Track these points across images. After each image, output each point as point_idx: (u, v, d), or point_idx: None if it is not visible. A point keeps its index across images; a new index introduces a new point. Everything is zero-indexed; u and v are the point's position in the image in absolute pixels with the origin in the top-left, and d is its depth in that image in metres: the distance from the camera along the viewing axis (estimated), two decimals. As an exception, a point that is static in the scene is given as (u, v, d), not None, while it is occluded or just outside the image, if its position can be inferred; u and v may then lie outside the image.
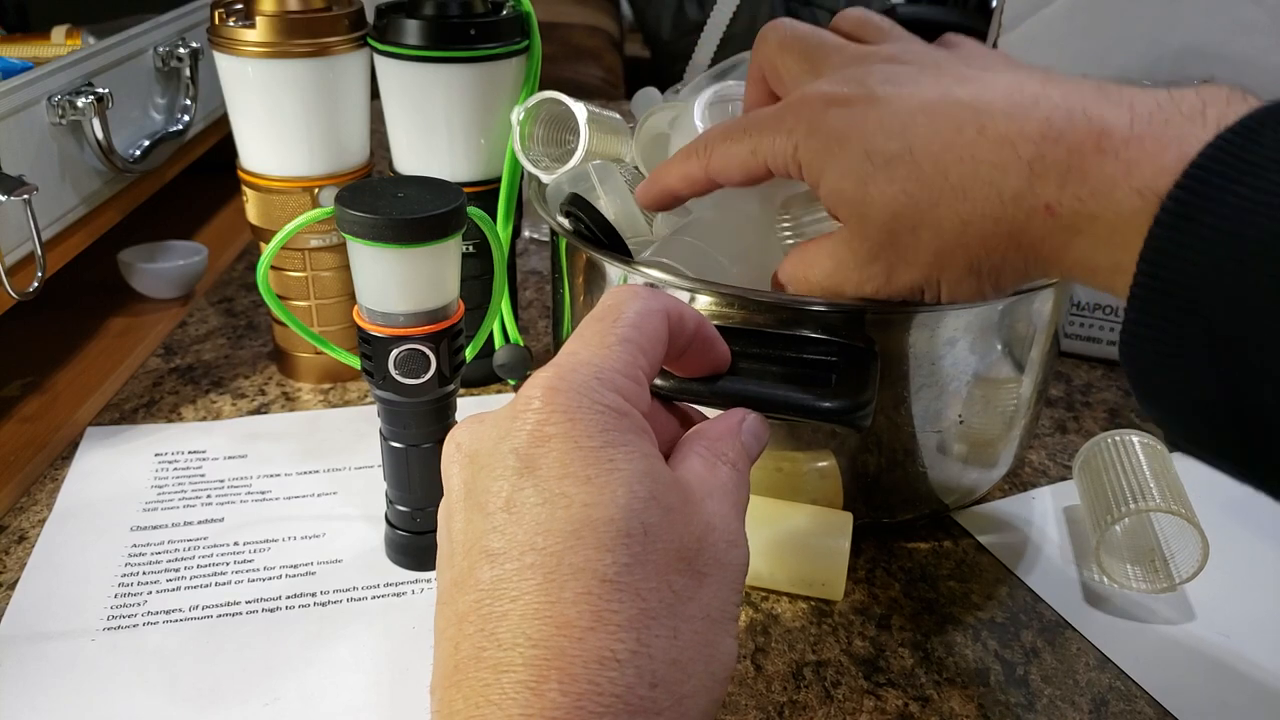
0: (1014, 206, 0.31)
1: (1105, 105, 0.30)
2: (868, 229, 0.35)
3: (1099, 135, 0.29)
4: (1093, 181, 0.29)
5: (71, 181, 0.57)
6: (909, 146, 0.33)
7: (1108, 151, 0.29)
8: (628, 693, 0.24)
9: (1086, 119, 0.30)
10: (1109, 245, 0.29)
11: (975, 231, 0.32)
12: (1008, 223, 0.31)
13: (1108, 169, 0.29)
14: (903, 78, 0.35)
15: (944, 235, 0.33)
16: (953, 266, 0.34)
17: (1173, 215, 0.26)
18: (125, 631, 0.42)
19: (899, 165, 0.33)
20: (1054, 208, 0.30)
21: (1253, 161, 0.26)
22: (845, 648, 0.43)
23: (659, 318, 0.30)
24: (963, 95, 0.33)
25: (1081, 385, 0.64)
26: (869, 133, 0.34)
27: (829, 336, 0.39)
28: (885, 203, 0.34)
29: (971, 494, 0.51)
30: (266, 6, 0.52)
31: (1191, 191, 0.26)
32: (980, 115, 0.32)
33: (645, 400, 0.30)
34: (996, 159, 0.31)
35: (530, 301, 0.73)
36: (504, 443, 0.28)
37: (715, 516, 0.29)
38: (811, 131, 0.35)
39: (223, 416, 0.58)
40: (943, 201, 0.32)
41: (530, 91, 0.54)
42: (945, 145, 0.32)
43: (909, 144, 0.33)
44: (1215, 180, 0.26)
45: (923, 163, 0.32)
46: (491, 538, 0.27)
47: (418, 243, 0.39)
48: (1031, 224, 0.31)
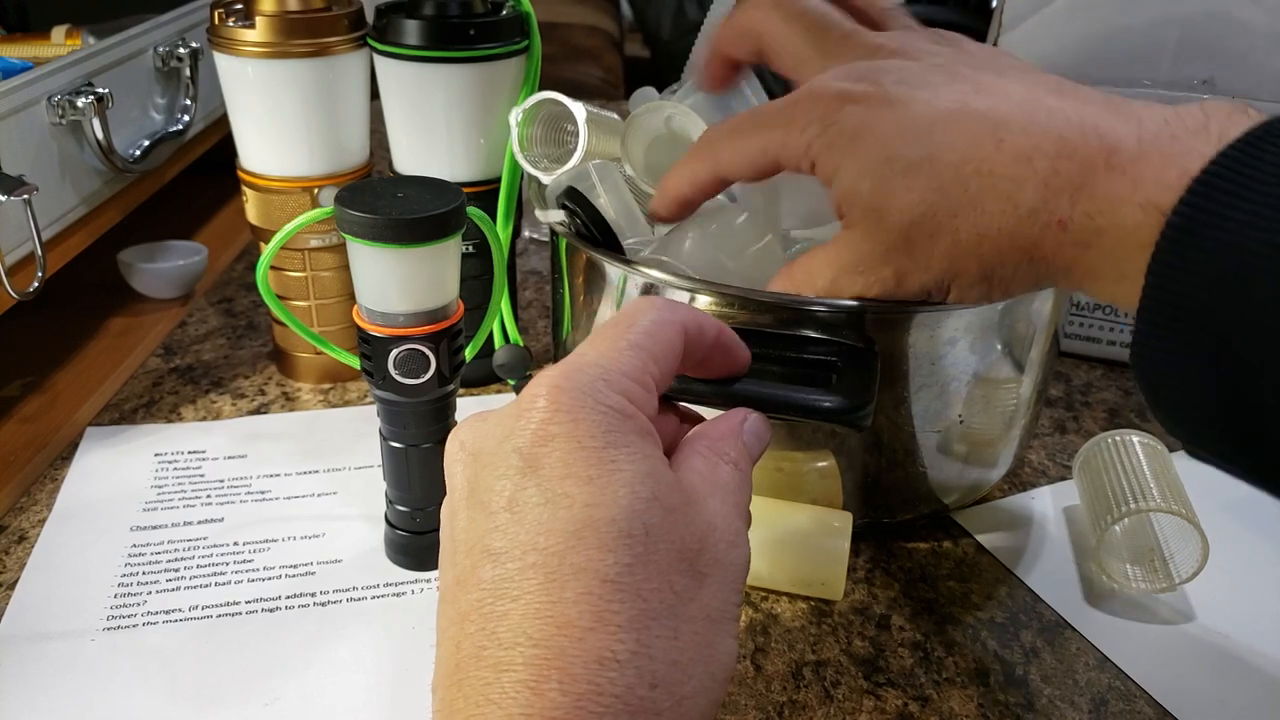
0: (1029, 221, 0.31)
1: (1115, 120, 0.30)
2: (881, 233, 0.35)
3: (1109, 152, 0.30)
4: (1101, 197, 0.30)
5: (71, 181, 0.57)
6: (929, 155, 0.33)
7: (1116, 168, 0.29)
8: (627, 693, 0.25)
9: (1098, 135, 0.30)
10: (1115, 258, 0.30)
11: (991, 244, 0.32)
12: (1023, 237, 0.32)
13: (1116, 185, 0.29)
14: (916, 79, 0.35)
15: (960, 245, 0.33)
16: (966, 274, 0.34)
17: (1178, 230, 0.27)
18: (125, 631, 0.42)
19: (920, 173, 0.33)
20: (1066, 223, 0.30)
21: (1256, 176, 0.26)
22: (845, 648, 0.43)
23: (674, 329, 0.31)
24: (980, 106, 0.33)
25: (1081, 385, 0.64)
26: (888, 136, 0.34)
27: (829, 336, 0.39)
28: (905, 208, 0.34)
29: (971, 494, 0.51)
30: (266, 6, 0.52)
31: (1196, 207, 0.27)
32: (998, 129, 0.32)
33: (652, 406, 0.30)
34: (1014, 173, 0.31)
35: (530, 301, 0.73)
36: (507, 441, 0.28)
37: (717, 517, 0.29)
38: (826, 128, 0.35)
39: (222, 416, 0.58)
40: (961, 213, 0.33)
41: (530, 92, 0.54)
42: (964, 157, 0.32)
43: (929, 152, 0.33)
44: (1220, 195, 0.26)
45: (943, 172, 0.33)
46: (493, 537, 0.27)
47: (417, 243, 0.39)
48: (1045, 238, 0.31)
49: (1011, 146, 0.31)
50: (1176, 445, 0.57)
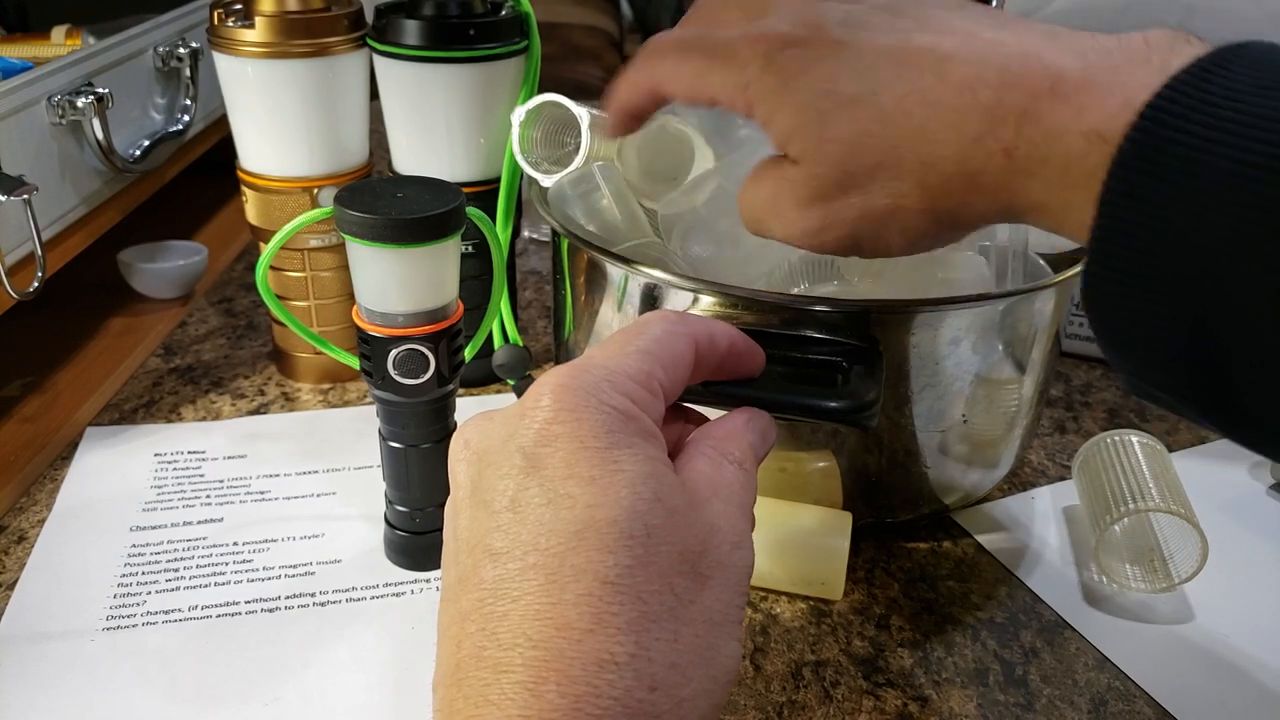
0: (974, 148, 0.31)
1: (1058, 50, 0.30)
2: (820, 168, 0.34)
3: (1053, 80, 0.29)
4: (1046, 125, 0.29)
5: (71, 181, 0.57)
6: (872, 89, 0.33)
7: (1060, 96, 0.29)
8: (626, 696, 0.25)
9: (1042, 65, 0.30)
10: (1060, 187, 0.29)
11: (936, 173, 0.32)
12: (968, 164, 0.31)
13: (1060, 113, 0.29)
14: (858, 21, 0.35)
15: (903, 176, 0.33)
16: (909, 210, 0.33)
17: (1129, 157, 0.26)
18: (125, 632, 0.42)
19: (861, 106, 0.33)
20: (1011, 151, 0.30)
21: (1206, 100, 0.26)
22: (844, 647, 0.43)
23: (684, 341, 0.31)
24: (922, 42, 0.33)
25: (1081, 385, 0.64)
26: (829, 74, 0.33)
27: (834, 337, 0.39)
28: (845, 139, 0.33)
29: (972, 494, 0.51)
30: (266, 7, 0.52)
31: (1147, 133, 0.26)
32: (941, 61, 0.32)
33: (657, 410, 0.30)
34: (958, 103, 0.31)
35: (530, 301, 0.73)
36: (511, 441, 0.28)
37: (720, 518, 0.29)
38: (766, 68, 0.34)
39: (222, 417, 0.58)
40: (904, 142, 0.32)
41: (530, 92, 0.54)
42: (908, 89, 0.32)
43: (872, 86, 0.33)
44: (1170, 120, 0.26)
45: (886, 104, 0.32)
46: (495, 536, 0.27)
47: (417, 243, 0.39)
48: (990, 166, 0.31)
49: (955, 78, 0.31)
50: (1176, 445, 0.57)
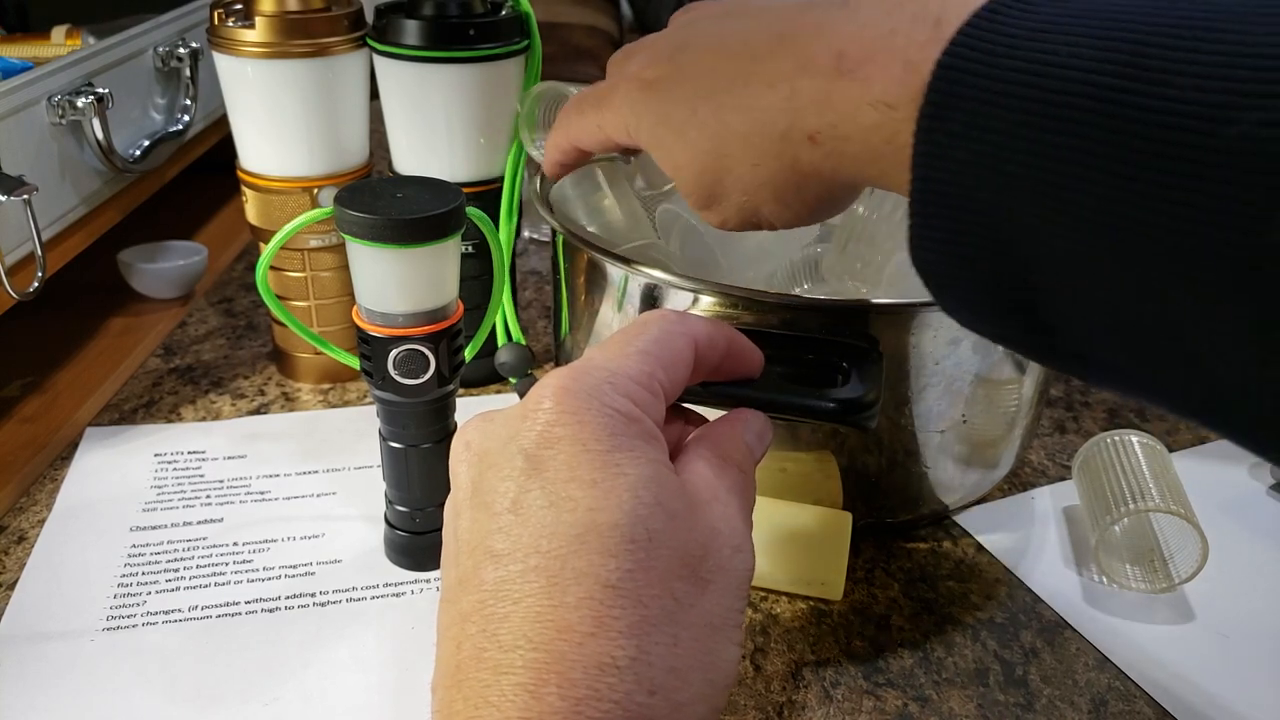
0: (784, 142, 0.32)
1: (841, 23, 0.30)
2: (685, 188, 0.37)
3: (838, 57, 0.30)
4: (839, 105, 0.30)
5: (71, 181, 0.57)
6: (694, 109, 0.35)
7: (846, 73, 0.29)
8: (626, 699, 0.25)
9: (827, 45, 0.30)
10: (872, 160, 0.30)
11: (765, 170, 0.33)
12: (787, 157, 0.32)
13: (850, 91, 0.29)
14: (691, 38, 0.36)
15: (744, 179, 0.34)
16: (765, 201, 0.35)
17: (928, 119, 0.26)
18: (125, 632, 0.42)
19: (690, 129, 0.35)
20: (816, 136, 0.31)
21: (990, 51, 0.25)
22: (844, 648, 0.43)
23: (683, 341, 0.31)
24: (733, 44, 0.34)
25: (1081, 385, 0.64)
26: (664, 106, 0.36)
27: (833, 337, 0.39)
28: (691, 164, 0.35)
29: (972, 494, 0.51)
30: (266, 7, 0.52)
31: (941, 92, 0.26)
32: (748, 64, 0.33)
33: (659, 411, 0.30)
34: (765, 102, 0.32)
35: (530, 301, 0.73)
36: (513, 443, 0.28)
37: (720, 522, 0.29)
38: (632, 109, 0.37)
39: (222, 417, 0.58)
40: (733, 152, 0.34)
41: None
42: (722, 102, 0.34)
43: (694, 107, 0.35)
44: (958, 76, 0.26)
45: (708, 122, 0.34)
46: (496, 538, 0.27)
47: (417, 243, 0.39)
48: (803, 155, 0.32)
49: (759, 77, 0.32)
50: (1176, 445, 0.57)
